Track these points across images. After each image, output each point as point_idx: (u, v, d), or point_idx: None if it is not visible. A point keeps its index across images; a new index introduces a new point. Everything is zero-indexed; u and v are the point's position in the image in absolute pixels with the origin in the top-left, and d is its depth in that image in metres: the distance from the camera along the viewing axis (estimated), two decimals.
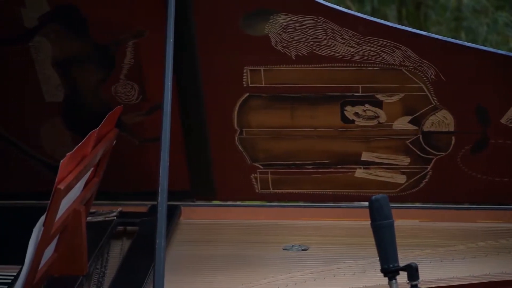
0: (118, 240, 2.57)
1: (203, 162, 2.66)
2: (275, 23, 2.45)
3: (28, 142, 2.63)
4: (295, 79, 2.54)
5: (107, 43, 2.49)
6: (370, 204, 2.06)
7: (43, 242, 2.12)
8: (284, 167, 2.66)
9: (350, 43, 2.46)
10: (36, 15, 2.45)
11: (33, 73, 2.53)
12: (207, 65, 2.52)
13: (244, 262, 2.47)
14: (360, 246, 2.49)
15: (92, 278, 2.39)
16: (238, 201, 2.77)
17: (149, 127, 2.61)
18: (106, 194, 2.60)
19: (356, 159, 2.63)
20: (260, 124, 2.61)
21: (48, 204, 2.12)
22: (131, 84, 2.56)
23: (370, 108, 2.56)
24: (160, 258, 2.00)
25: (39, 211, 2.13)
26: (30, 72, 2.53)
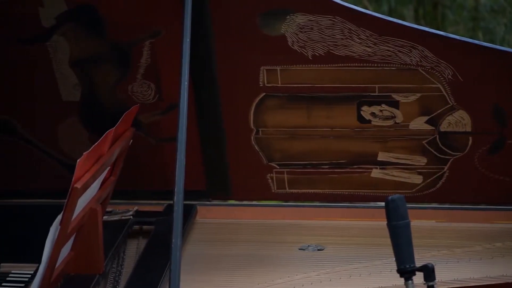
0: (134, 239, 2.57)
1: (219, 162, 2.66)
2: (292, 23, 2.45)
3: (45, 141, 2.65)
4: (311, 79, 2.53)
5: (124, 43, 2.50)
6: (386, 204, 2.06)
7: (60, 241, 2.13)
8: (300, 167, 2.66)
9: (367, 43, 2.45)
10: (54, 15, 2.46)
11: (50, 72, 2.54)
12: (224, 64, 2.52)
13: (259, 262, 2.47)
14: (376, 247, 2.48)
15: (108, 277, 2.40)
16: (254, 201, 2.77)
17: (166, 127, 2.61)
18: (122, 193, 2.61)
19: (373, 159, 2.62)
20: (277, 124, 2.61)
21: (65, 203, 2.12)
22: (147, 83, 2.56)
23: (387, 108, 2.56)
24: (176, 258, 2.01)
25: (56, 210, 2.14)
26: (47, 71, 2.54)
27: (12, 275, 2.53)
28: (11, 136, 2.63)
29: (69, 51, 2.52)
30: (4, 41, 2.50)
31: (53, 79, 2.56)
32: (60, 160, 2.66)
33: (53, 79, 2.56)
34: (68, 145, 2.65)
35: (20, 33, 2.48)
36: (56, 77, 2.55)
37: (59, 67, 2.54)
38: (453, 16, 5.40)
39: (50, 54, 2.51)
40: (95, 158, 2.25)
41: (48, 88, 2.57)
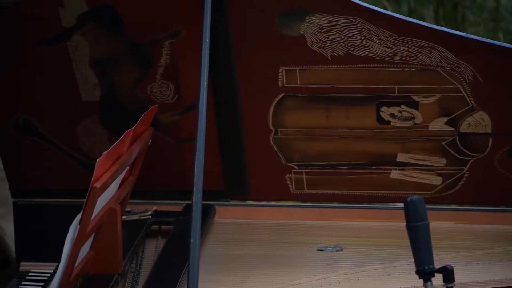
0: (153, 239, 2.58)
1: (238, 162, 2.66)
2: (311, 23, 2.45)
3: (65, 140, 2.66)
4: (330, 80, 2.53)
5: (144, 43, 2.50)
6: (405, 206, 2.05)
7: (79, 240, 2.14)
8: (319, 167, 2.65)
9: (386, 43, 2.45)
10: (74, 15, 2.47)
11: (70, 72, 2.55)
12: (243, 65, 2.52)
13: (278, 262, 2.47)
14: (395, 248, 2.47)
15: (127, 277, 2.40)
16: (272, 201, 2.77)
17: (185, 127, 2.62)
18: (141, 193, 2.62)
19: (392, 160, 2.61)
20: (295, 124, 2.60)
21: (84, 203, 2.13)
22: (167, 83, 2.57)
23: (406, 109, 2.55)
24: (195, 257, 2.01)
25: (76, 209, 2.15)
26: (67, 71, 2.55)
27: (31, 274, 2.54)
28: (32, 136, 2.64)
29: (89, 51, 2.53)
30: (25, 41, 2.51)
31: (73, 79, 2.57)
32: (79, 160, 2.67)
33: (73, 79, 2.57)
34: (88, 144, 2.66)
35: (40, 33, 2.49)
36: (76, 77, 2.56)
37: (79, 67, 2.55)
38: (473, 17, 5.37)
39: (70, 54, 2.52)
40: (115, 157, 2.26)
41: (68, 88, 2.58)
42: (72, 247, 2.11)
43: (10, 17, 2.47)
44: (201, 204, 2.09)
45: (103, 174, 2.18)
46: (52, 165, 2.67)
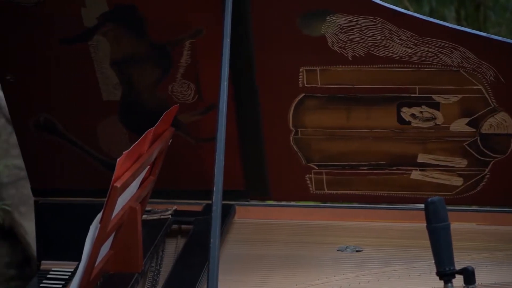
0: (173, 238, 2.58)
1: (258, 162, 2.66)
2: (332, 24, 2.44)
3: (86, 140, 2.67)
4: (351, 80, 2.52)
5: (165, 43, 2.51)
6: (426, 206, 2.05)
7: (99, 239, 2.15)
8: (339, 168, 2.65)
9: (407, 44, 2.44)
10: (95, 15, 2.48)
11: (91, 72, 2.56)
12: (263, 65, 2.52)
13: (298, 263, 2.47)
14: (415, 249, 2.47)
15: (147, 276, 2.41)
16: (292, 201, 2.77)
17: (205, 127, 2.62)
18: (161, 193, 2.62)
19: (412, 160, 2.60)
20: (316, 124, 2.60)
21: (105, 202, 2.14)
22: (187, 83, 2.57)
23: (427, 110, 2.54)
24: (214, 257, 2.01)
25: (96, 209, 2.15)
26: (89, 71, 2.56)
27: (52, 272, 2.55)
28: (53, 135, 2.66)
29: (110, 51, 2.53)
30: (47, 41, 2.52)
31: (94, 78, 2.57)
32: (100, 159, 2.68)
33: (94, 78, 2.57)
34: (108, 144, 2.67)
35: (62, 33, 2.50)
36: (97, 76, 2.57)
37: (100, 66, 2.56)
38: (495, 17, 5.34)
39: (92, 54, 2.53)
40: (135, 157, 2.26)
41: (89, 87, 2.59)
42: (93, 246, 2.12)
43: (32, 16, 2.48)
44: (221, 204, 2.10)
45: (124, 174, 2.18)
46: (73, 164, 2.68)
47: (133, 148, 2.22)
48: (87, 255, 2.11)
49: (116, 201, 2.16)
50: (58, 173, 2.70)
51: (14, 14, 2.48)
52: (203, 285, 2.31)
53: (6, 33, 2.52)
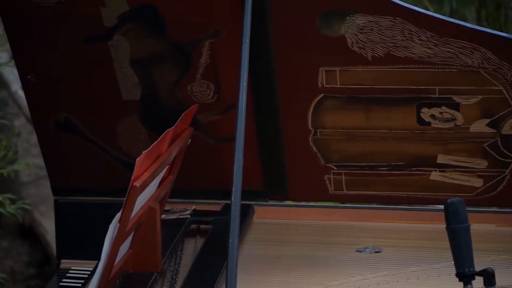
0: (192, 238, 2.59)
1: (277, 162, 2.66)
2: (352, 24, 2.44)
3: (105, 139, 2.67)
4: (370, 80, 2.52)
5: (184, 43, 2.51)
6: (445, 208, 2.04)
7: (118, 238, 2.15)
8: (358, 168, 2.64)
9: (427, 44, 2.43)
10: (115, 14, 2.48)
11: (111, 71, 2.57)
12: (283, 65, 2.52)
13: (316, 263, 2.46)
14: (434, 250, 2.46)
15: (166, 275, 2.41)
16: (311, 202, 2.76)
17: (224, 127, 2.62)
18: (180, 192, 2.63)
19: (432, 161, 2.59)
20: (335, 124, 2.60)
21: (124, 201, 2.14)
22: (206, 83, 2.58)
23: (447, 110, 2.53)
24: (233, 257, 2.01)
25: (115, 208, 2.16)
26: (108, 70, 2.57)
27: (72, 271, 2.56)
28: (72, 134, 2.67)
29: (130, 51, 2.54)
30: (67, 40, 2.53)
31: (114, 78, 2.58)
32: (119, 159, 2.69)
33: (114, 78, 2.58)
34: (128, 143, 2.68)
35: (82, 33, 2.51)
36: (116, 76, 2.58)
37: (120, 66, 2.56)
38: None
39: (112, 54, 2.54)
40: (154, 157, 2.27)
41: (109, 87, 2.60)
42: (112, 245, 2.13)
43: (53, 16, 2.49)
44: (240, 204, 2.10)
45: (143, 173, 2.19)
46: (93, 163, 2.69)
47: (152, 148, 2.22)
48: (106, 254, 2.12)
49: (135, 200, 2.17)
50: (78, 172, 2.71)
51: (34, 14, 2.49)
52: (222, 285, 2.32)
53: (27, 32, 2.53)
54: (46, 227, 4.13)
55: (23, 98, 3.80)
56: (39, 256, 4.21)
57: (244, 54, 2.28)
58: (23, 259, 4.21)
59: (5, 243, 4.19)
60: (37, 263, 4.22)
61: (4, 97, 4.24)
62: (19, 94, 4.14)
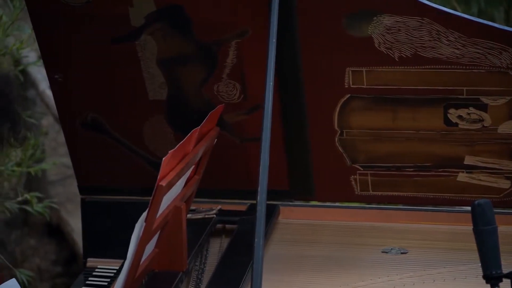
0: (217, 237, 2.59)
1: (303, 163, 2.66)
2: (379, 24, 2.43)
3: (132, 139, 2.69)
4: (397, 81, 2.51)
5: (211, 43, 2.52)
6: (472, 209, 2.02)
7: (144, 237, 2.16)
8: (384, 169, 2.63)
9: (455, 45, 2.42)
10: (143, 14, 2.49)
11: (138, 71, 2.58)
12: (309, 65, 2.52)
13: (341, 264, 2.46)
14: (461, 251, 2.44)
15: (191, 275, 2.42)
16: (336, 202, 2.76)
17: (250, 127, 2.62)
18: (206, 192, 2.63)
19: (459, 162, 2.58)
20: (361, 125, 2.59)
21: (150, 201, 2.15)
22: (233, 83, 2.58)
23: (475, 111, 2.51)
24: (258, 257, 2.01)
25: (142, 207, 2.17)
26: (135, 70, 2.58)
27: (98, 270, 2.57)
28: (99, 134, 2.68)
29: (157, 50, 2.55)
30: (94, 40, 2.54)
31: (141, 77, 2.59)
32: (145, 158, 2.70)
33: (141, 77, 2.59)
34: (154, 143, 2.69)
35: (110, 32, 2.52)
36: (143, 76, 2.59)
37: (146, 66, 2.57)
38: None
39: (139, 53, 2.55)
40: (180, 156, 2.27)
41: (136, 86, 2.61)
42: (138, 245, 2.13)
43: (81, 16, 2.50)
44: (266, 204, 2.10)
45: (169, 173, 2.19)
46: (119, 162, 2.70)
47: (178, 148, 2.23)
48: (133, 253, 2.12)
49: (161, 200, 2.17)
50: (104, 171, 2.72)
51: (62, 14, 2.51)
52: (247, 285, 2.32)
53: (55, 32, 2.55)
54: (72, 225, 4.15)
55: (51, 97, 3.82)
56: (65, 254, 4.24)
57: (271, 54, 2.28)
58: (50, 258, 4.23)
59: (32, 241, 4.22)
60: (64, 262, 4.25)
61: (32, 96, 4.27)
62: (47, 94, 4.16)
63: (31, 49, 3.74)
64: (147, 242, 2.21)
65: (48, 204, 3.66)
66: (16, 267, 3.69)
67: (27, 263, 4.17)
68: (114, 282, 2.46)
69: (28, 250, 4.22)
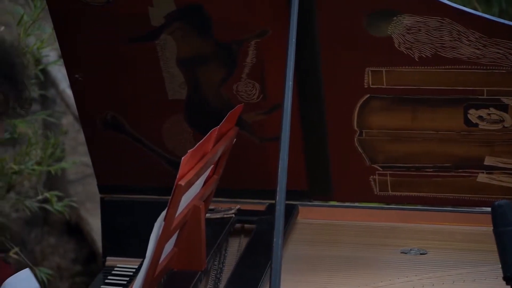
0: (236, 237, 2.59)
1: (322, 162, 2.65)
2: (399, 24, 2.42)
3: (151, 138, 2.69)
4: (417, 81, 2.50)
5: (231, 42, 2.52)
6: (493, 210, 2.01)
7: (163, 236, 2.17)
8: (403, 169, 2.62)
9: (476, 45, 2.40)
10: (163, 14, 2.50)
11: (158, 70, 2.59)
12: (329, 65, 2.51)
13: (360, 264, 2.45)
14: (481, 252, 2.43)
15: (210, 274, 2.42)
16: (355, 202, 2.75)
17: (269, 126, 2.62)
18: (225, 192, 2.63)
19: (479, 163, 2.56)
20: (380, 125, 2.58)
21: (169, 200, 2.15)
22: (252, 83, 2.58)
23: (495, 112, 2.50)
24: (277, 257, 2.01)
25: (161, 206, 2.17)
26: (155, 69, 2.58)
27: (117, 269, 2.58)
28: (119, 133, 2.69)
29: (177, 50, 2.56)
30: (115, 40, 2.55)
31: (160, 77, 2.60)
32: (165, 157, 2.70)
33: (160, 77, 2.60)
34: (173, 142, 2.69)
35: (130, 32, 2.53)
36: (163, 75, 2.60)
37: (166, 65, 2.58)
38: None
39: (158, 53, 2.56)
40: (199, 156, 2.28)
41: (155, 86, 2.61)
42: (157, 244, 2.14)
43: (101, 15, 2.51)
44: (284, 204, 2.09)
45: (188, 172, 2.20)
46: (138, 162, 2.71)
47: (197, 147, 2.23)
48: (152, 252, 2.13)
49: (180, 199, 2.18)
50: (124, 170, 2.73)
51: (83, 13, 2.52)
52: (266, 285, 2.32)
53: (75, 32, 2.56)
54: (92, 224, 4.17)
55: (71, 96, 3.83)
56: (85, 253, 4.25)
57: (290, 53, 2.28)
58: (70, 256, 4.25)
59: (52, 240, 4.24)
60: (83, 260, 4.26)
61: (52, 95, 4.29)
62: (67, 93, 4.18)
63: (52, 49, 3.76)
64: (166, 241, 2.22)
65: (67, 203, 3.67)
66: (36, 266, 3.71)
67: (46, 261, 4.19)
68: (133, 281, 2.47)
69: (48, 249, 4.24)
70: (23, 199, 3.78)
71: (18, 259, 3.74)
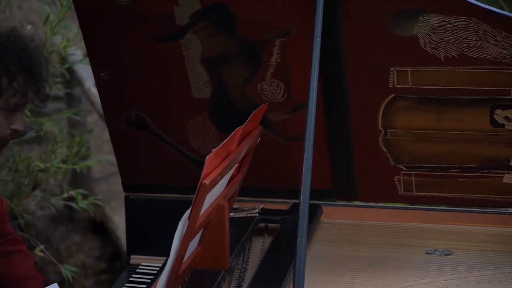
0: (260, 236, 2.59)
1: (346, 162, 2.65)
2: (425, 24, 2.41)
3: (176, 137, 2.70)
4: (443, 81, 2.48)
5: (255, 42, 2.52)
6: None
7: (188, 235, 2.17)
8: (428, 170, 2.61)
9: (503, 45, 2.39)
10: (188, 13, 2.50)
11: (182, 69, 2.59)
12: (353, 64, 2.50)
13: (384, 264, 2.44)
14: (506, 254, 2.42)
15: (234, 273, 2.42)
16: (380, 203, 2.74)
17: (293, 126, 2.62)
18: (249, 191, 2.63)
19: (505, 164, 2.55)
20: (405, 125, 2.57)
21: (194, 199, 2.16)
22: (276, 82, 2.58)
23: None
24: (301, 256, 2.01)
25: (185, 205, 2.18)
26: (180, 68, 2.59)
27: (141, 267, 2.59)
28: (143, 132, 2.70)
29: (201, 49, 2.56)
30: (140, 39, 2.56)
31: (185, 76, 2.60)
32: (189, 156, 2.71)
33: (185, 76, 2.60)
34: (197, 141, 2.69)
35: (156, 31, 2.54)
36: (188, 74, 2.60)
37: (191, 64, 2.58)
38: None
39: (183, 52, 2.56)
40: (224, 155, 2.28)
41: (180, 85, 2.62)
42: (181, 242, 2.14)
43: (127, 14, 2.52)
44: (308, 204, 2.09)
45: (212, 171, 2.20)
46: (163, 160, 2.72)
47: (222, 146, 2.23)
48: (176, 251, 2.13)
49: (204, 198, 2.18)
50: (148, 169, 2.74)
51: (109, 12, 2.53)
52: (289, 284, 2.31)
53: (101, 31, 2.57)
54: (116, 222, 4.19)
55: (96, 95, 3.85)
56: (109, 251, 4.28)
57: (315, 53, 2.27)
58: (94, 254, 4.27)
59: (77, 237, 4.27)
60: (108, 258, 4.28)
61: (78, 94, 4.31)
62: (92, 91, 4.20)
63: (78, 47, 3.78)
64: (190, 239, 2.22)
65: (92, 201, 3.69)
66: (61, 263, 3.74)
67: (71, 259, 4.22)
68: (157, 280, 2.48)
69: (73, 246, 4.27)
70: (48, 197, 3.80)
71: (43, 257, 3.77)
